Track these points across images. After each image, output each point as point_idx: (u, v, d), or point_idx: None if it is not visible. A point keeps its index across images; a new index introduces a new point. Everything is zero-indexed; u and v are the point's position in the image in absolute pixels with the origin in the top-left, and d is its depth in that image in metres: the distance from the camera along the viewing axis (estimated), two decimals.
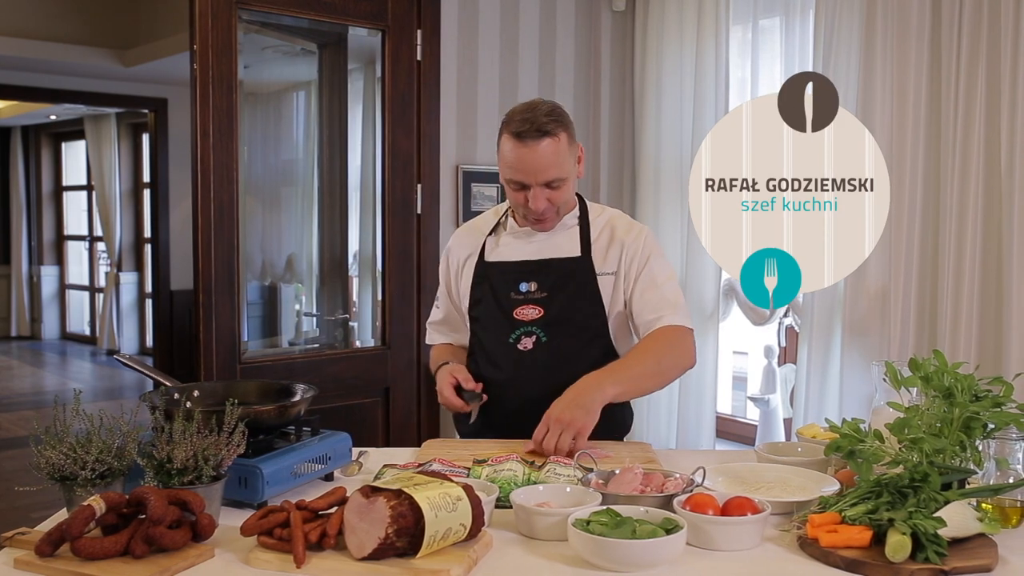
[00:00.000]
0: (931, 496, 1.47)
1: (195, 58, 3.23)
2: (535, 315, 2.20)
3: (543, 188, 2.11)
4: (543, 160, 2.08)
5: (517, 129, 2.08)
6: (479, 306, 2.28)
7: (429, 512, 1.36)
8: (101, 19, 6.55)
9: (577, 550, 1.42)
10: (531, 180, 2.10)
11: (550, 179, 2.11)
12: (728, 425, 4.27)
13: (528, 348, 2.19)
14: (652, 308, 2.20)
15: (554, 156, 2.09)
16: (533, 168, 2.09)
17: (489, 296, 2.25)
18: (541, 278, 2.21)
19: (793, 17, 3.61)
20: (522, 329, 2.20)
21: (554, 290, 2.20)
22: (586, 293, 2.21)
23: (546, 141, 2.08)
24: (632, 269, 2.23)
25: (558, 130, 2.10)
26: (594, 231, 2.26)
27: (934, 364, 1.63)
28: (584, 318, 2.21)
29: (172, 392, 1.81)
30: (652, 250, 2.27)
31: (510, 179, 2.14)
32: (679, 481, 1.66)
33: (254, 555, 1.42)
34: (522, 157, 2.08)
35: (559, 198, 2.16)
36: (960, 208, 3.02)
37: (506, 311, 2.22)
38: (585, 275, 2.21)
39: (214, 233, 3.27)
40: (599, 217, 2.30)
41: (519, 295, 2.22)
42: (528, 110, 2.11)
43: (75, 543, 1.37)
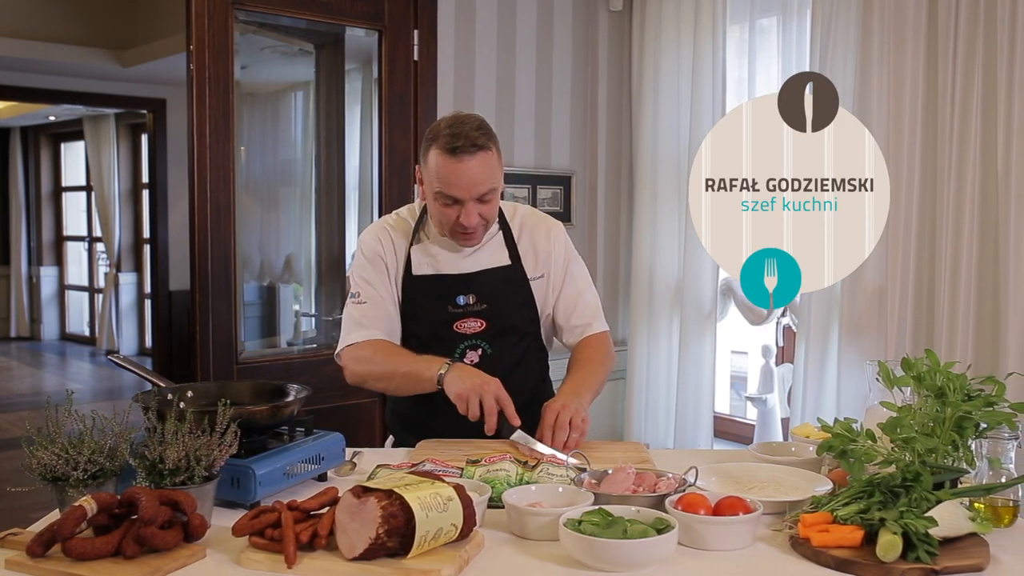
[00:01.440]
0: (923, 496, 1.47)
1: (191, 58, 3.23)
2: (477, 328, 2.19)
3: (476, 203, 2.08)
4: (478, 175, 2.05)
5: (451, 144, 2.03)
6: (414, 322, 2.22)
7: (420, 512, 1.36)
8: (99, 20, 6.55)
9: (568, 550, 1.42)
10: (465, 195, 2.06)
11: (484, 192, 2.08)
12: (726, 425, 4.27)
13: (474, 362, 2.18)
14: (579, 314, 2.29)
15: (488, 170, 2.07)
16: (468, 183, 2.05)
17: (425, 312, 2.20)
18: (478, 289, 2.19)
19: (790, 17, 3.61)
20: (466, 343, 2.20)
21: (492, 301, 2.20)
22: (522, 300, 2.24)
23: (480, 155, 2.05)
24: (557, 273, 2.29)
25: (489, 143, 2.08)
26: (515, 233, 2.27)
27: (926, 364, 1.63)
28: (524, 325, 2.25)
29: (165, 392, 1.81)
30: (571, 252, 2.33)
31: (441, 193, 2.07)
32: (671, 481, 1.66)
33: (245, 555, 1.41)
34: (456, 172, 2.04)
35: (489, 212, 2.13)
36: (957, 207, 3.02)
37: (445, 326, 2.19)
38: (519, 282, 2.24)
39: (211, 233, 3.27)
40: (515, 218, 2.30)
41: (457, 308, 2.19)
42: (457, 124, 2.07)
43: (66, 543, 1.37)
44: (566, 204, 4.24)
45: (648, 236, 4.15)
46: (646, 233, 4.16)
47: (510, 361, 2.22)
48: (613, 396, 4.37)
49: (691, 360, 4.00)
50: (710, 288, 3.93)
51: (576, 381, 2.19)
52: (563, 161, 4.25)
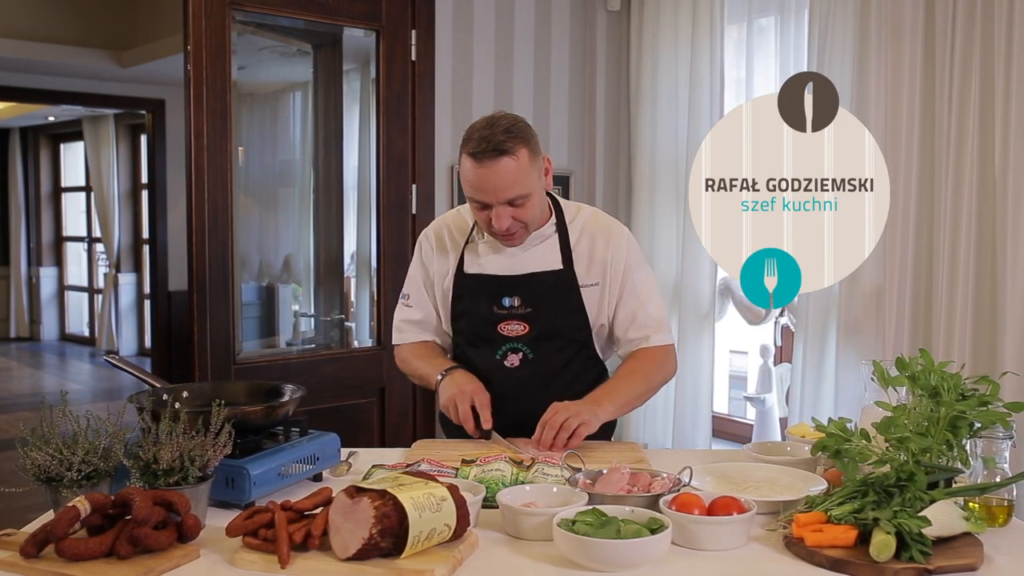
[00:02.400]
0: (917, 495, 1.47)
1: (189, 59, 3.23)
2: (520, 331, 2.16)
3: (505, 207, 2.05)
4: (502, 180, 2.02)
5: (474, 149, 2.02)
6: (462, 320, 2.23)
7: (413, 512, 1.36)
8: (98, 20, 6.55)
9: (562, 550, 1.42)
10: (491, 200, 2.04)
11: (511, 197, 2.04)
12: (724, 425, 4.27)
13: (515, 365, 2.17)
14: (637, 327, 2.21)
15: (514, 175, 2.02)
16: (492, 188, 2.03)
17: (472, 310, 2.20)
18: (524, 292, 2.16)
19: (788, 16, 3.61)
20: (508, 346, 2.18)
21: (538, 305, 2.16)
22: (570, 306, 2.18)
23: (503, 160, 2.01)
24: (615, 282, 2.21)
25: (517, 147, 2.02)
26: (572, 237, 2.21)
27: (921, 363, 1.63)
28: (569, 332, 2.19)
29: (160, 393, 1.81)
30: (634, 260, 2.24)
31: (472, 199, 2.08)
32: (666, 481, 1.66)
33: (239, 556, 1.42)
34: (481, 177, 2.02)
35: (524, 215, 2.10)
36: (954, 207, 3.02)
37: (490, 326, 2.18)
38: (568, 288, 2.18)
39: (208, 234, 3.27)
40: (575, 220, 2.24)
41: (502, 310, 2.17)
42: (486, 126, 2.04)
43: (60, 544, 1.37)
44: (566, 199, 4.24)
45: (646, 236, 4.15)
46: (644, 233, 4.15)
47: (553, 367, 2.18)
48: None
49: (689, 360, 4.00)
50: (708, 288, 3.93)
51: (602, 390, 2.13)
52: (561, 161, 4.25)
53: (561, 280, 2.17)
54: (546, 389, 2.12)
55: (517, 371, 2.16)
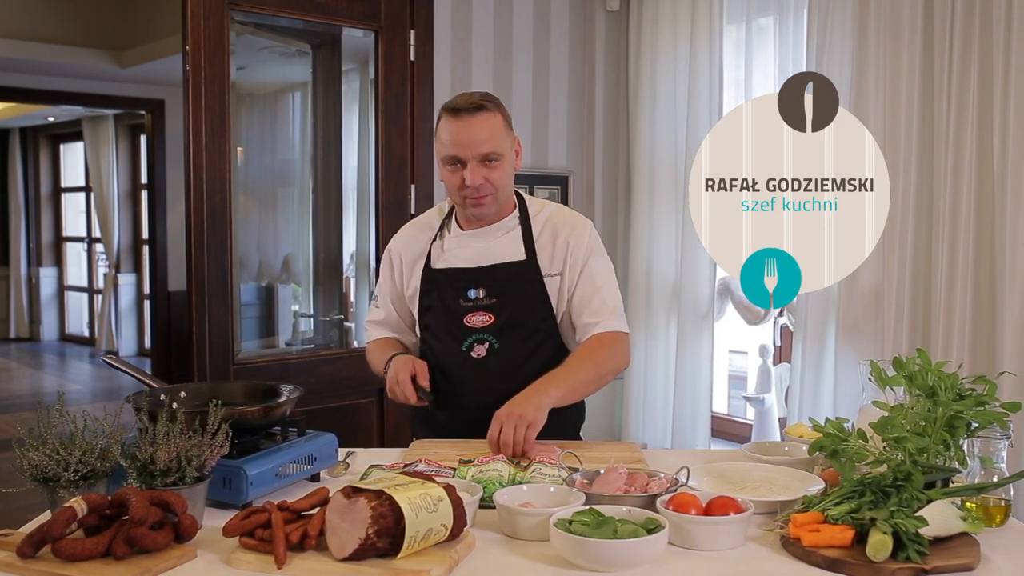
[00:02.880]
0: (913, 495, 1.47)
1: (187, 59, 3.23)
2: (486, 322, 2.20)
3: (479, 165, 2.11)
4: (480, 133, 2.10)
5: (453, 106, 2.13)
6: (429, 314, 2.27)
7: (409, 512, 1.36)
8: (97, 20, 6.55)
9: (558, 550, 1.42)
10: (467, 154, 2.10)
11: (486, 152, 2.11)
12: (724, 424, 4.27)
13: (481, 356, 2.20)
14: (590, 312, 2.22)
15: (490, 129, 2.12)
16: (469, 140, 2.10)
17: (439, 304, 2.24)
18: (488, 284, 2.21)
19: (787, 16, 3.61)
20: (474, 336, 2.21)
21: (502, 295, 2.20)
22: (534, 296, 2.22)
23: (482, 115, 2.11)
24: (574, 269, 2.23)
25: (494, 108, 2.15)
26: (536, 229, 2.26)
27: (918, 363, 1.63)
28: (534, 321, 2.22)
29: (157, 393, 1.81)
30: (593, 248, 2.26)
31: (446, 156, 2.14)
32: (663, 481, 1.66)
33: (235, 556, 1.41)
34: (459, 130, 2.10)
35: (496, 177, 2.15)
36: (953, 206, 3.02)
37: (456, 319, 2.22)
38: (532, 278, 2.21)
39: (207, 234, 3.27)
40: (539, 214, 2.28)
41: (468, 302, 2.21)
42: (463, 94, 2.18)
43: (56, 544, 1.37)
44: (563, 204, 4.24)
45: (645, 236, 4.15)
46: (643, 233, 4.15)
47: (519, 357, 2.21)
48: (611, 396, 4.36)
49: (689, 360, 4.00)
50: (707, 288, 3.93)
51: (549, 376, 2.12)
52: (560, 161, 4.25)
53: (524, 270, 2.22)
54: (513, 378, 2.14)
55: (484, 361, 2.20)
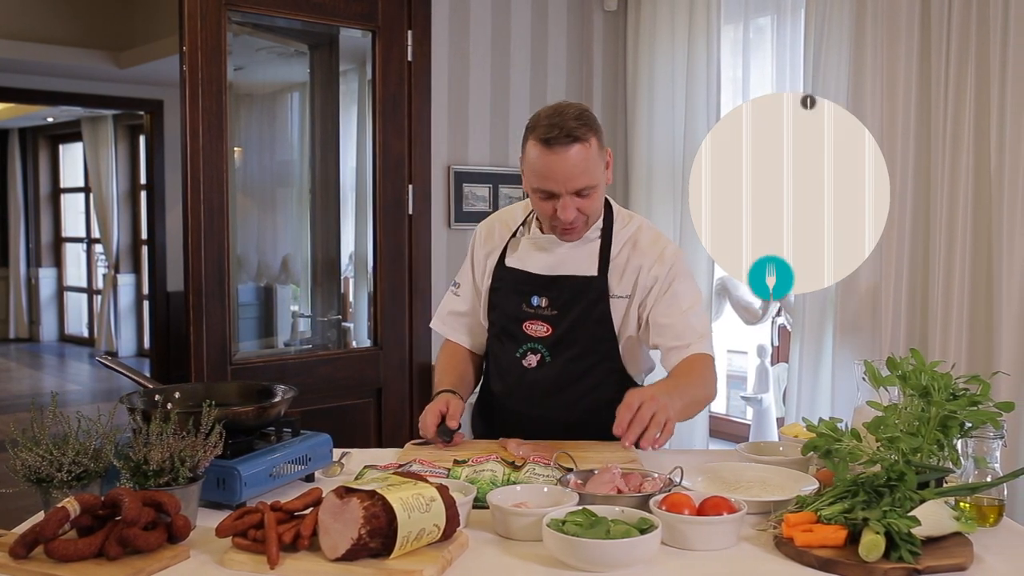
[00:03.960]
0: (907, 495, 1.47)
1: (184, 60, 3.23)
2: (543, 332, 2.13)
3: (573, 197, 1.99)
4: (573, 168, 1.96)
5: (545, 135, 1.95)
6: (495, 311, 2.21)
7: (402, 513, 1.36)
8: (96, 21, 6.55)
9: (551, 550, 1.42)
10: (560, 189, 1.98)
11: (580, 187, 1.99)
12: (722, 424, 4.26)
13: (532, 365, 2.15)
14: (679, 334, 2.10)
15: (584, 163, 1.96)
16: (563, 176, 1.96)
17: (504, 304, 2.18)
18: (553, 294, 2.12)
19: (784, 16, 3.60)
20: (528, 345, 2.15)
21: (564, 308, 2.11)
22: (596, 315, 2.12)
23: (576, 147, 1.95)
24: (651, 293, 2.12)
25: (588, 135, 1.97)
26: (615, 247, 2.14)
27: (912, 363, 1.63)
28: (592, 340, 2.13)
29: (152, 394, 1.81)
30: (677, 273, 2.14)
31: (537, 188, 2.01)
32: (657, 481, 1.66)
33: (228, 556, 1.41)
34: (551, 164, 1.96)
35: (589, 207, 2.04)
36: (950, 206, 3.02)
37: (516, 323, 2.16)
38: (598, 296, 2.11)
39: (204, 235, 3.27)
40: (624, 229, 2.17)
41: (530, 308, 2.14)
42: (556, 114, 1.97)
43: (49, 545, 1.37)
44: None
45: None
46: None
47: (568, 374, 2.14)
48: None
49: None
50: (705, 288, 3.92)
51: (670, 382, 2.03)
52: None
53: (592, 287, 2.11)
54: (560, 394, 2.10)
55: (533, 372, 2.14)
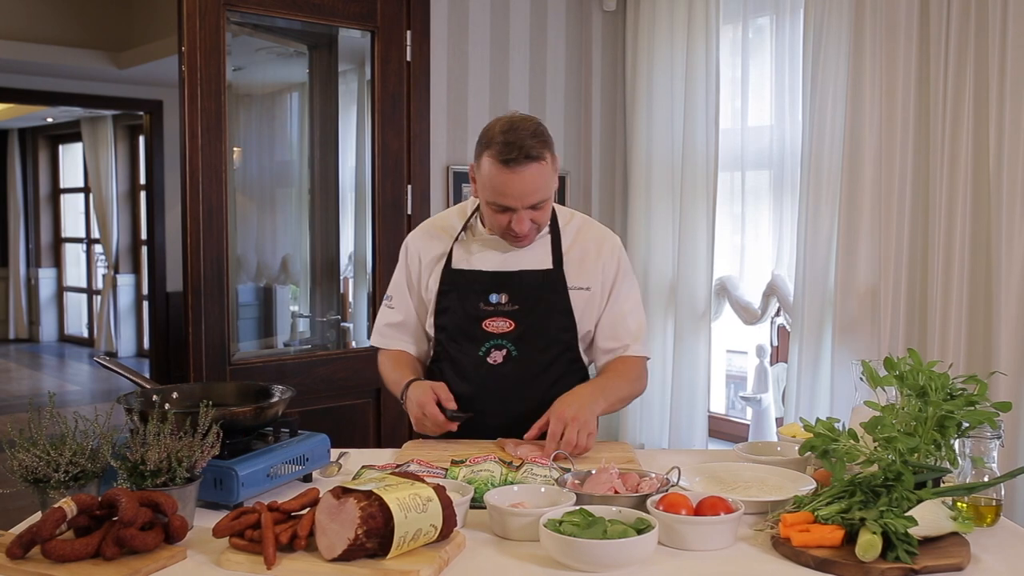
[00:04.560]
0: (904, 495, 1.47)
1: (183, 60, 3.23)
2: (506, 328, 2.16)
3: (528, 211, 2.06)
4: (530, 185, 2.02)
5: (504, 156, 1.99)
6: (445, 315, 2.22)
7: (398, 513, 1.36)
8: (95, 21, 6.55)
9: (548, 550, 1.42)
10: (517, 204, 2.04)
11: (536, 202, 2.05)
12: (721, 424, 4.26)
13: (498, 362, 2.17)
14: (617, 335, 2.23)
15: (541, 180, 2.03)
16: (520, 194, 2.02)
17: (457, 306, 2.20)
18: (512, 290, 2.16)
19: (783, 16, 3.60)
20: (492, 342, 2.17)
21: (525, 303, 2.16)
22: (558, 307, 2.18)
23: (533, 167, 2.00)
24: (603, 290, 2.23)
25: (544, 152, 2.03)
26: (565, 241, 2.22)
27: (909, 363, 1.63)
28: (555, 332, 2.19)
29: (150, 394, 1.81)
30: (622, 270, 2.26)
31: (493, 202, 2.06)
32: (654, 481, 1.66)
33: (225, 556, 1.41)
34: (508, 183, 2.01)
35: (542, 217, 2.12)
36: (949, 206, 3.02)
37: (475, 322, 2.18)
38: (557, 289, 2.18)
39: (203, 235, 3.27)
40: (568, 224, 2.26)
41: (489, 306, 2.17)
42: (511, 130, 2.01)
43: (46, 545, 1.37)
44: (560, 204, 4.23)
45: (642, 236, 4.15)
46: (640, 233, 4.15)
47: (536, 366, 2.18)
48: None
49: (686, 360, 4.00)
50: (704, 288, 3.92)
51: (596, 384, 2.15)
52: None
53: (550, 280, 2.18)
54: (528, 387, 2.15)
55: (500, 368, 2.17)
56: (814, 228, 3.40)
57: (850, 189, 3.28)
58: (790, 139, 3.58)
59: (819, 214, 3.39)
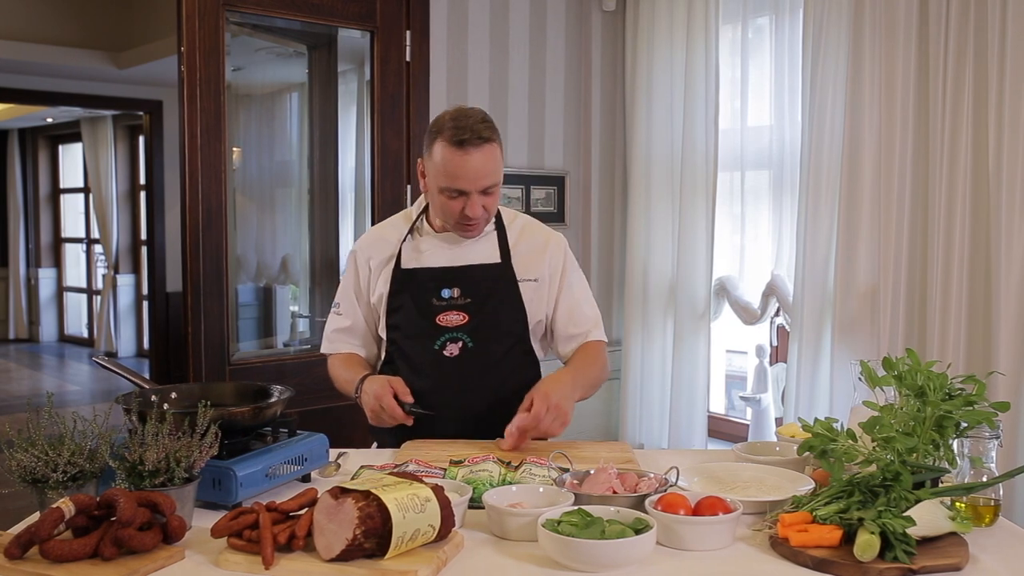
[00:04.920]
0: (902, 495, 1.47)
1: (183, 60, 3.23)
2: (460, 321, 2.20)
3: (480, 195, 2.11)
4: (483, 167, 2.08)
5: (458, 137, 2.05)
6: (398, 314, 2.25)
7: (397, 513, 1.36)
8: (95, 21, 6.55)
9: (546, 550, 1.42)
10: (471, 187, 2.09)
11: (489, 185, 2.11)
12: (720, 424, 4.26)
13: (454, 354, 2.20)
14: (577, 324, 2.30)
15: (493, 162, 2.10)
16: (473, 175, 2.08)
17: (409, 303, 2.23)
18: (464, 284, 2.21)
19: (783, 17, 3.60)
20: (447, 335, 2.21)
21: (477, 296, 2.21)
22: (509, 299, 2.23)
23: (486, 148, 2.08)
24: (552, 282, 2.29)
25: (494, 136, 2.11)
26: (511, 237, 2.28)
27: (907, 363, 1.63)
28: (508, 323, 2.24)
29: (148, 394, 1.81)
30: (569, 263, 2.33)
31: (447, 187, 2.10)
32: (652, 481, 1.66)
33: (223, 557, 1.41)
34: (462, 164, 2.06)
35: (492, 204, 2.17)
36: (948, 206, 3.02)
37: (429, 318, 2.21)
38: (507, 281, 2.23)
39: (203, 235, 3.27)
40: (513, 223, 2.32)
41: (441, 301, 2.21)
42: (462, 117, 2.09)
43: (44, 545, 1.37)
44: (560, 204, 4.24)
45: (642, 236, 4.15)
46: (640, 233, 4.15)
47: (491, 357, 2.23)
48: (608, 396, 4.36)
49: (685, 360, 4.00)
50: (704, 288, 3.92)
51: (574, 372, 2.21)
52: (557, 161, 4.25)
53: (500, 273, 2.23)
54: (485, 378, 2.20)
55: (456, 360, 2.20)
56: (813, 228, 3.40)
57: (849, 189, 3.28)
58: (789, 139, 3.58)
59: (818, 214, 3.39)
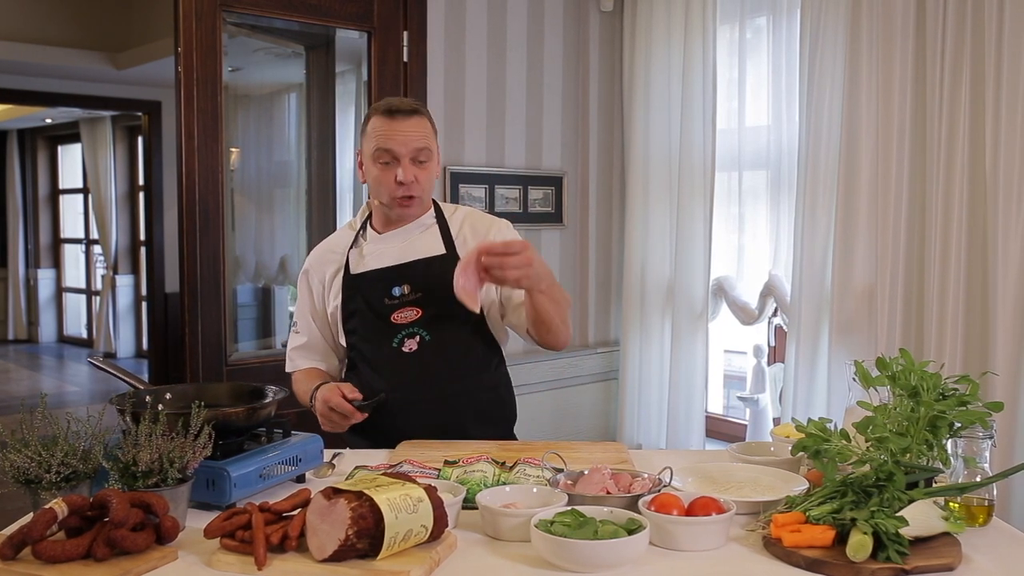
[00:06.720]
0: (895, 495, 1.46)
1: (180, 60, 3.23)
2: (413, 316, 2.23)
3: (412, 164, 2.19)
4: (414, 131, 2.19)
5: (388, 107, 2.20)
6: (354, 319, 2.28)
7: (389, 513, 1.36)
8: (93, 22, 6.56)
9: (539, 551, 1.42)
10: (402, 149, 2.18)
11: (419, 149, 2.19)
12: (718, 425, 4.26)
13: (413, 349, 2.23)
14: None
15: (424, 130, 2.21)
16: (404, 138, 2.18)
17: (363, 307, 2.26)
18: (412, 280, 2.25)
19: (780, 17, 3.60)
20: (404, 332, 2.23)
21: (427, 289, 2.24)
22: None
23: (415, 117, 2.21)
24: None
25: (424, 112, 2.25)
26: (453, 228, 2.32)
27: (901, 363, 1.63)
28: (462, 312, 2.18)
29: (143, 395, 1.81)
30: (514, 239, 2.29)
31: (380, 150, 2.19)
32: (646, 481, 1.66)
33: (216, 557, 1.41)
34: (394, 127, 2.18)
35: (425, 178, 2.23)
36: (945, 206, 3.02)
37: (383, 318, 2.23)
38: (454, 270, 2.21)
39: (200, 235, 3.27)
40: (454, 215, 2.36)
41: (393, 300, 2.24)
42: (394, 98, 2.25)
43: (36, 546, 1.37)
44: (557, 205, 4.24)
45: (640, 236, 4.15)
46: (638, 233, 4.15)
47: (450, 347, 2.25)
48: (606, 396, 4.36)
49: (683, 360, 4.00)
50: (701, 288, 3.92)
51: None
52: (554, 162, 4.25)
53: (446, 263, 2.22)
54: (446, 370, 2.22)
55: (416, 355, 2.22)
56: (811, 228, 3.40)
57: (847, 189, 3.28)
58: (787, 139, 3.58)
59: (816, 214, 3.40)
